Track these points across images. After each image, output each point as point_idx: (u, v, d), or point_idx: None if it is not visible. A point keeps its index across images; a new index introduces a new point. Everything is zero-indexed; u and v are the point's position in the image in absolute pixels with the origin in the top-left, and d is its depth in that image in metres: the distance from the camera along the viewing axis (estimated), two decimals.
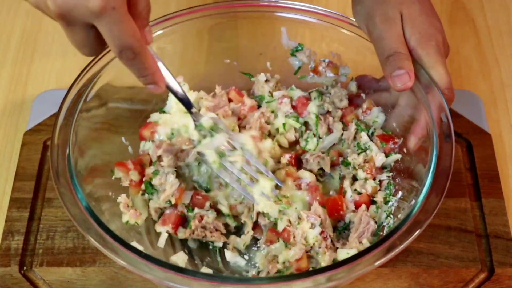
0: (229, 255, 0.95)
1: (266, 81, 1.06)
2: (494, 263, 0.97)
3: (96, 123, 0.95)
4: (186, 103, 0.90)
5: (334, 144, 1.03)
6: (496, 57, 1.24)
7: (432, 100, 0.90)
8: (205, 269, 0.93)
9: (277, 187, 0.95)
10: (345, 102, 1.03)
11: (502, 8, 1.31)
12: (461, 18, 1.29)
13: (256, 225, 0.97)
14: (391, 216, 0.93)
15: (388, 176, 0.98)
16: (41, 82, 1.21)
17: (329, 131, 1.03)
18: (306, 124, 1.04)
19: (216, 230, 0.95)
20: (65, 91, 0.92)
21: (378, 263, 0.78)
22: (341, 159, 1.00)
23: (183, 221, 0.96)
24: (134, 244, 0.87)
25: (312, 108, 1.03)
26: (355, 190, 0.96)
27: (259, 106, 1.05)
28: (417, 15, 0.91)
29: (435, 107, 0.89)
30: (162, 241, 0.94)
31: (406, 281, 0.96)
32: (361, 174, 0.97)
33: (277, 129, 1.03)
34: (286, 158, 1.00)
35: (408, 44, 0.91)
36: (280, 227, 0.93)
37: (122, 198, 0.94)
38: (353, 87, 1.03)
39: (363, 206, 0.94)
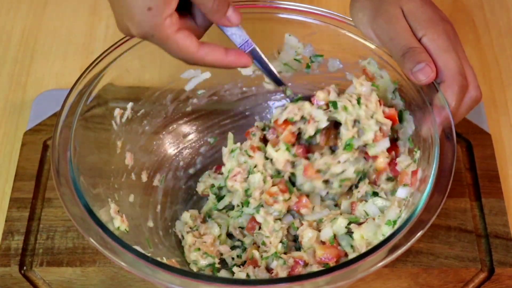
0: None
1: None
2: (494, 263, 0.97)
3: (98, 123, 0.95)
4: (276, 80, 0.94)
5: None
6: (496, 57, 1.24)
7: (434, 98, 0.89)
8: None
9: None
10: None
11: (502, 8, 1.31)
12: (461, 18, 1.29)
13: None
14: None
15: None
16: (41, 82, 1.21)
17: None
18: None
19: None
20: (65, 91, 0.92)
21: (381, 264, 0.78)
22: None
23: None
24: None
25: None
26: None
27: None
28: (418, 7, 0.91)
29: (436, 105, 0.89)
30: None
31: (405, 281, 0.96)
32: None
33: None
34: None
35: (416, 36, 0.90)
36: None
37: (112, 203, 0.93)
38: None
39: None
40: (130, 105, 1.00)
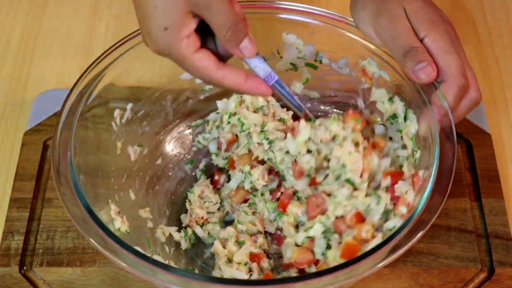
0: None
1: None
2: (494, 263, 0.97)
3: (98, 123, 0.95)
4: (298, 108, 0.93)
5: None
6: (496, 57, 1.24)
7: (433, 98, 0.89)
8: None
9: None
10: None
11: (502, 8, 1.31)
12: (461, 18, 1.30)
13: None
14: None
15: None
16: (41, 82, 1.21)
17: None
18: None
19: None
20: (65, 91, 0.92)
21: (381, 264, 0.78)
22: None
23: None
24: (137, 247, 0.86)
25: None
26: None
27: None
28: (421, 7, 0.91)
29: (435, 103, 0.89)
30: None
31: (406, 281, 0.96)
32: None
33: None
34: None
35: (418, 36, 0.90)
36: None
37: (113, 204, 0.92)
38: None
39: None
40: (129, 106, 0.99)
